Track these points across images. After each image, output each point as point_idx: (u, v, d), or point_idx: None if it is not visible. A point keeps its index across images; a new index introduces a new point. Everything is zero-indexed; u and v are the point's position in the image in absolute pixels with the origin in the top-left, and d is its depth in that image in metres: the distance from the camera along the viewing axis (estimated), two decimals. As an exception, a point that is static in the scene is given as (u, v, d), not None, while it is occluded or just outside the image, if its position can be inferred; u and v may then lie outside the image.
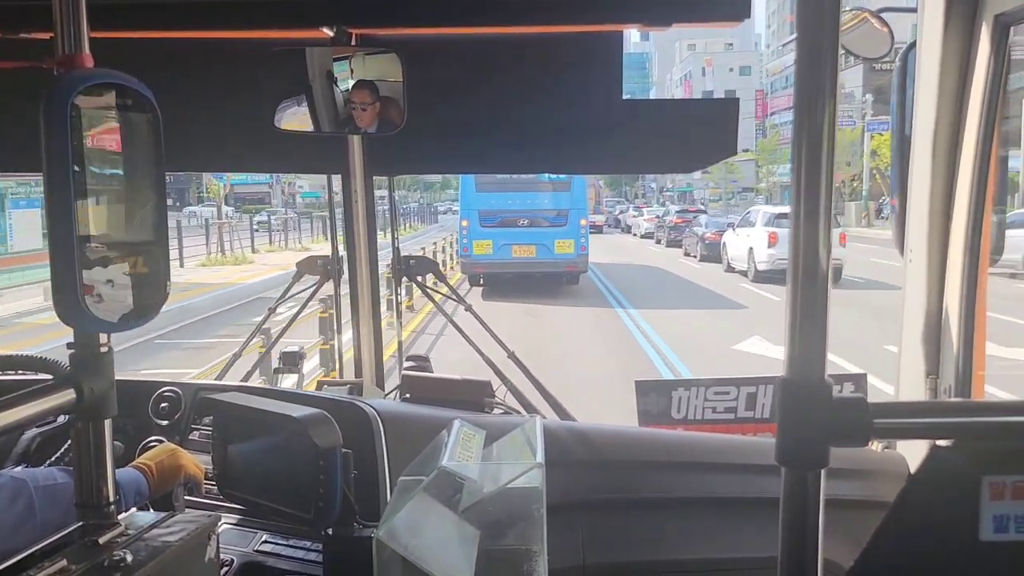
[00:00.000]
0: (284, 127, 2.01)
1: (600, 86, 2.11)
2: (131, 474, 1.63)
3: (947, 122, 1.89)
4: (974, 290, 1.92)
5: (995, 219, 1.95)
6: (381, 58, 2.00)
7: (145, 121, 1.06)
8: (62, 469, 1.50)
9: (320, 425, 1.55)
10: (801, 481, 0.83)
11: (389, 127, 2.00)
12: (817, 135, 0.81)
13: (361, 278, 2.57)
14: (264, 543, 1.78)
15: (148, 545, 1.07)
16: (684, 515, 2.00)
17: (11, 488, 1.39)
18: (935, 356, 2.00)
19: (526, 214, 17.97)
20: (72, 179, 0.95)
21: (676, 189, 76.40)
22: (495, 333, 2.67)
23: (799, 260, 0.82)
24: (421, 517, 1.36)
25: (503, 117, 2.25)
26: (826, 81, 0.80)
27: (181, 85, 1.99)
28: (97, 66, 1.05)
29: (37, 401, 1.01)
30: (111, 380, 1.09)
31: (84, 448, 1.11)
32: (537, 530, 1.38)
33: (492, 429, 1.57)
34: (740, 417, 2.44)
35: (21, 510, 1.37)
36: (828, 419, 0.82)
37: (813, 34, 0.81)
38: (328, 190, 2.95)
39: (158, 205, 1.08)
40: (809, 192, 0.81)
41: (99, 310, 0.99)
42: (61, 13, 1.04)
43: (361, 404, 1.90)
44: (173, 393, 2.08)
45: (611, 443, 2.09)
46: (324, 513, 1.54)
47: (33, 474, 1.46)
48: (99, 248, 0.99)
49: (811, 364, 0.82)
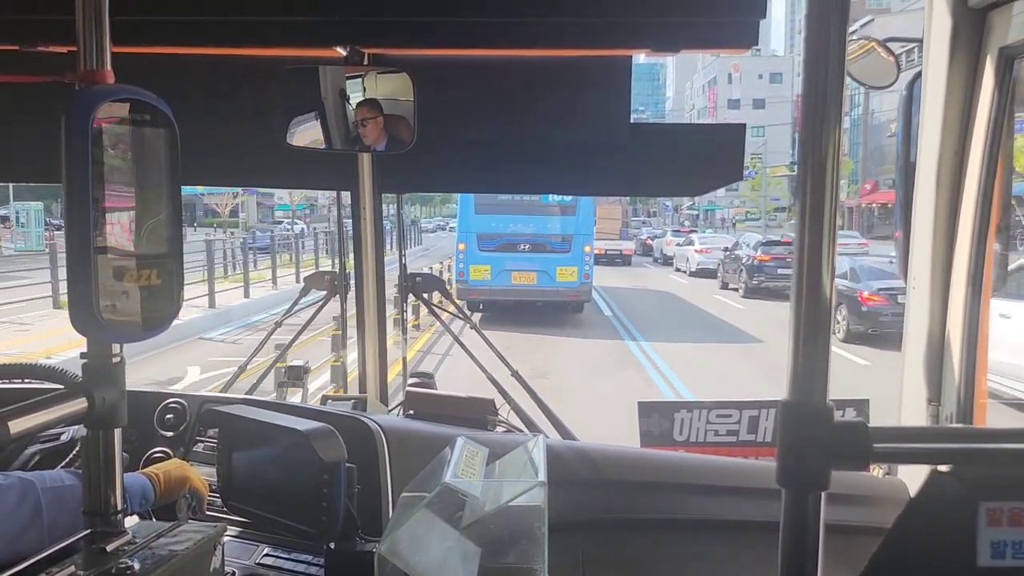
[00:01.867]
0: (296, 144, 2.03)
1: (609, 110, 2.14)
2: (138, 479, 1.65)
3: (951, 151, 1.91)
4: (977, 318, 1.93)
5: (998, 248, 1.96)
6: (392, 77, 2.03)
7: (163, 136, 1.08)
8: (70, 472, 1.52)
9: (325, 439, 1.56)
10: (801, 503, 0.84)
11: (399, 146, 2.02)
12: (822, 161, 0.83)
13: (368, 294, 2.59)
14: (266, 556, 1.78)
15: (155, 553, 1.09)
16: (685, 537, 2.00)
17: (19, 489, 1.40)
18: (937, 383, 2.00)
19: (528, 239, 16.89)
20: (91, 192, 0.97)
21: (699, 207, 70.21)
22: (499, 351, 2.68)
23: (802, 283, 0.83)
24: (423, 533, 1.36)
25: (511, 138, 2.27)
26: (831, 108, 0.82)
27: (197, 101, 2.02)
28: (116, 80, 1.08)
29: (50, 409, 1.03)
30: (122, 390, 1.11)
31: (93, 457, 1.13)
32: (538, 549, 1.38)
33: (495, 447, 1.58)
34: (742, 440, 2.44)
35: (28, 511, 1.38)
36: (829, 442, 0.83)
37: (820, 63, 0.83)
38: (337, 207, 2.98)
39: (173, 219, 1.10)
40: (813, 217, 0.83)
41: (113, 321, 1.01)
42: (84, 29, 1.06)
43: (365, 419, 1.91)
44: (179, 405, 2.09)
45: (613, 463, 2.10)
46: (327, 527, 1.55)
47: (41, 476, 1.47)
48: (115, 260, 1.01)
49: (813, 387, 0.83)
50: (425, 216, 65.01)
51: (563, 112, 2.20)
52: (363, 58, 2.06)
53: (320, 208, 52.13)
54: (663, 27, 1.94)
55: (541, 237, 16.93)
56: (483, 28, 1.98)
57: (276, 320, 3.00)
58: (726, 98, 75.66)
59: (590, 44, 2.03)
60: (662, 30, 1.94)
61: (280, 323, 2.98)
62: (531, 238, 16.93)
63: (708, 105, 78.99)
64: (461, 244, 17.14)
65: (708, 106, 79.37)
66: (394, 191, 2.72)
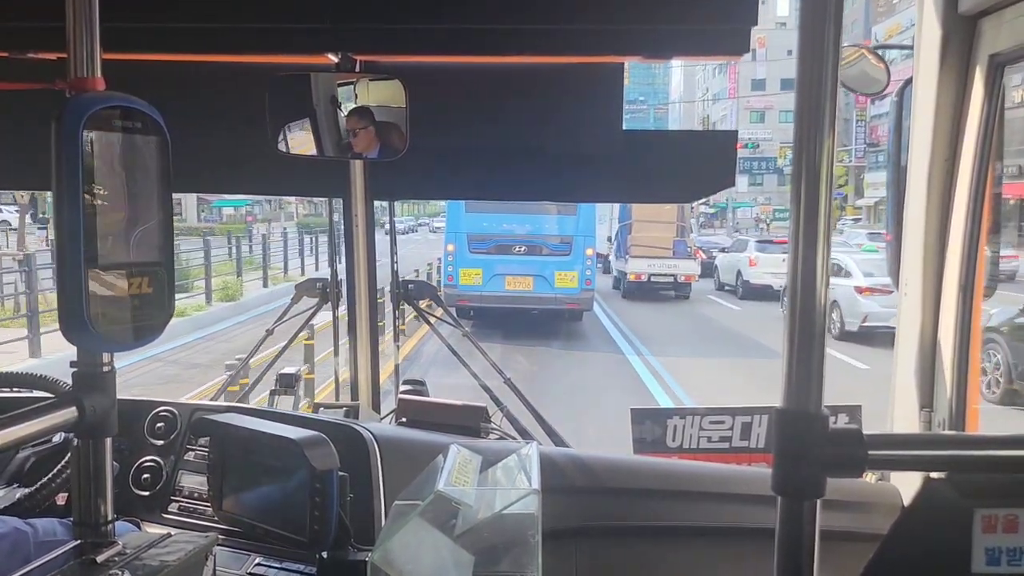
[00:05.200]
0: (287, 151, 2.03)
1: (601, 116, 2.14)
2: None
3: (942, 157, 1.92)
4: (968, 324, 1.94)
5: (989, 254, 1.97)
6: (384, 84, 2.03)
7: (154, 144, 1.08)
8: (63, 523, 1.48)
9: (317, 447, 1.55)
10: (797, 511, 0.84)
11: (391, 152, 2.02)
12: (816, 168, 0.83)
13: (360, 301, 2.58)
14: (257, 565, 1.77)
15: (145, 564, 1.08)
16: (678, 544, 2.00)
17: (12, 540, 1.37)
18: (929, 389, 2.01)
19: (523, 240, 15.26)
20: (81, 199, 0.97)
21: (718, 204, 60.68)
22: (491, 358, 2.68)
23: (797, 291, 0.83)
24: (416, 542, 1.36)
25: (504, 145, 2.27)
26: (826, 116, 0.83)
27: (188, 108, 2.01)
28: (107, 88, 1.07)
29: (40, 419, 1.02)
30: (113, 399, 1.10)
31: (84, 466, 1.12)
32: (532, 557, 1.38)
33: (488, 454, 1.57)
34: (735, 447, 2.44)
35: (18, 565, 1.37)
36: (824, 450, 0.83)
37: (813, 71, 0.83)
38: (328, 213, 2.97)
39: (164, 226, 1.09)
40: (808, 225, 0.83)
41: (104, 330, 1.00)
42: (75, 36, 1.06)
43: (357, 427, 1.90)
44: (169, 413, 2.08)
45: (606, 470, 2.09)
46: (319, 536, 1.54)
47: (35, 527, 1.44)
48: (106, 268, 1.01)
49: (807, 395, 0.83)
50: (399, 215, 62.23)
51: (555, 118, 2.21)
52: (355, 65, 2.06)
53: (268, 204, 48.38)
54: (655, 34, 1.94)
55: (538, 238, 15.37)
56: (475, 35, 1.98)
57: (267, 329, 2.98)
58: (749, 78, 63.33)
59: (582, 51, 2.03)
60: (654, 37, 1.95)
61: (271, 331, 2.97)
62: (527, 239, 15.35)
63: (728, 86, 67.56)
64: (449, 245, 15.58)
65: (728, 87, 67.76)
66: (386, 198, 2.71)
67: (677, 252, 20.77)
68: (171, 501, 1.95)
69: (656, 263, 20.60)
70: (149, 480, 1.97)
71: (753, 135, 64.43)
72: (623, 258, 21.53)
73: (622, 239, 21.71)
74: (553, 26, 1.95)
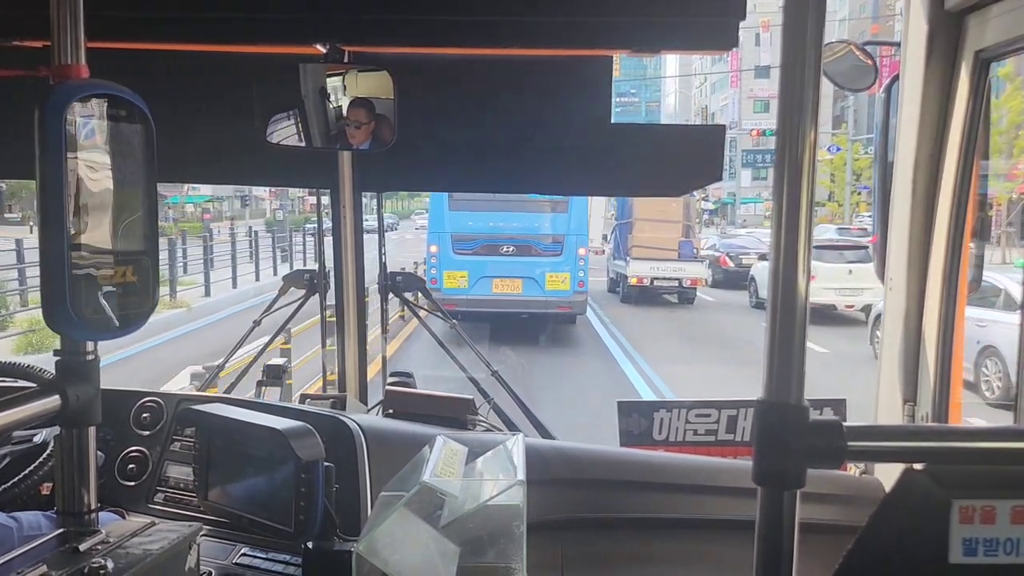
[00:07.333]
0: (275, 141, 2.02)
1: (589, 109, 2.14)
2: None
3: (927, 154, 1.93)
4: (952, 319, 1.96)
5: (973, 250, 1.98)
6: (373, 76, 2.02)
7: (138, 132, 1.07)
8: (48, 516, 1.46)
9: (303, 438, 1.55)
10: (777, 501, 0.85)
11: (379, 144, 2.02)
12: (798, 164, 0.83)
13: (348, 293, 2.58)
14: (243, 555, 1.77)
15: (129, 553, 1.08)
16: (663, 536, 2.01)
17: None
18: (913, 383, 2.03)
19: (512, 240, 14.20)
20: (64, 188, 0.96)
21: (721, 201, 57.54)
22: (479, 351, 2.68)
23: (779, 285, 0.84)
24: (401, 532, 1.36)
25: (492, 137, 2.27)
26: (807, 112, 0.83)
27: (174, 97, 2.00)
28: (92, 76, 1.07)
29: (22, 407, 1.01)
30: (97, 388, 1.10)
31: (67, 456, 1.11)
32: (517, 548, 1.38)
33: (474, 446, 1.57)
34: (720, 440, 2.45)
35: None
36: (805, 441, 0.84)
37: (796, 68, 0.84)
38: (316, 205, 2.96)
39: (149, 216, 1.09)
40: (789, 220, 0.84)
41: (88, 319, 1.00)
42: (59, 23, 1.05)
43: (344, 419, 1.90)
44: (155, 403, 2.07)
45: (592, 462, 2.10)
46: (305, 526, 1.54)
47: (20, 521, 1.42)
48: (89, 257, 1.00)
49: (789, 387, 0.84)
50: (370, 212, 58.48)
51: (543, 111, 2.21)
52: (343, 56, 2.05)
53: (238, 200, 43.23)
54: (643, 27, 1.95)
55: (528, 238, 14.29)
56: (464, 26, 1.98)
57: (255, 319, 2.98)
58: (753, 64, 58.33)
59: (570, 44, 2.03)
60: (642, 30, 1.95)
61: (258, 322, 2.96)
62: (516, 239, 14.24)
63: (729, 72, 62.74)
64: (433, 246, 14.43)
65: (729, 72, 63.21)
66: (374, 189, 2.71)
67: (683, 254, 18.62)
68: (157, 491, 1.94)
69: (660, 266, 18.40)
70: (135, 470, 1.97)
71: (757, 126, 62.11)
72: (623, 259, 19.39)
73: (621, 239, 19.69)
74: (541, 19, 1.95)
